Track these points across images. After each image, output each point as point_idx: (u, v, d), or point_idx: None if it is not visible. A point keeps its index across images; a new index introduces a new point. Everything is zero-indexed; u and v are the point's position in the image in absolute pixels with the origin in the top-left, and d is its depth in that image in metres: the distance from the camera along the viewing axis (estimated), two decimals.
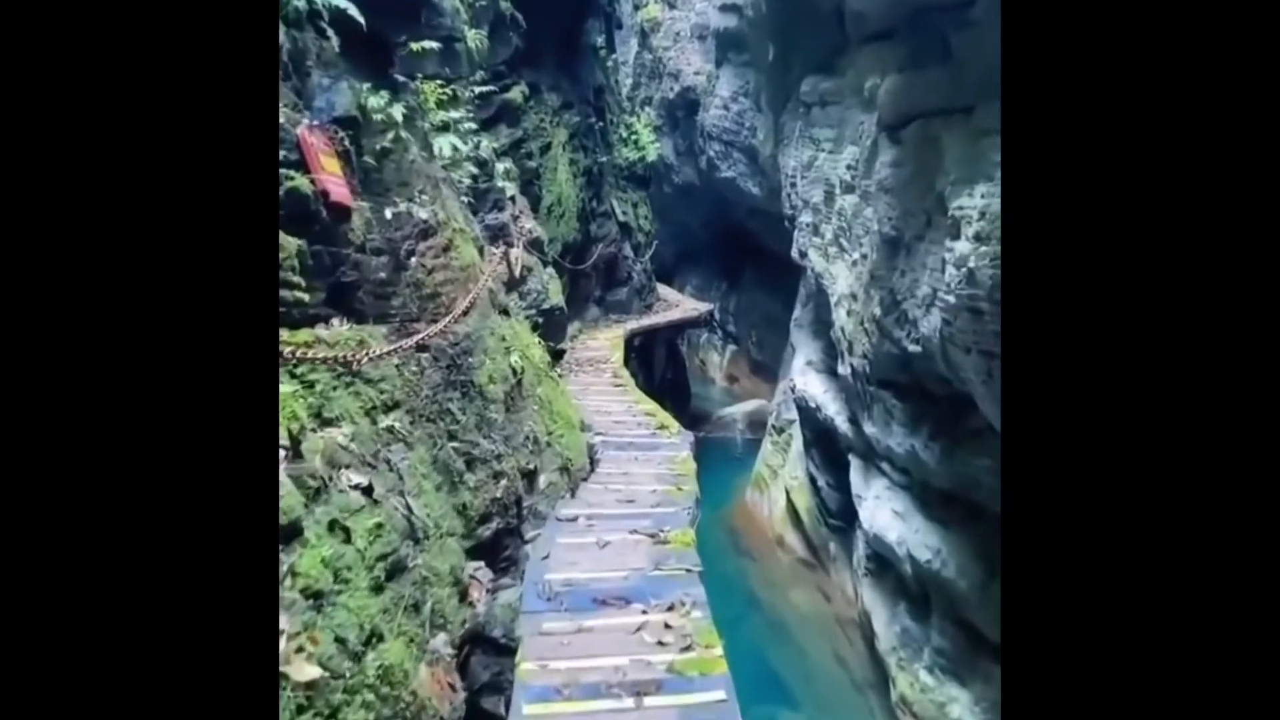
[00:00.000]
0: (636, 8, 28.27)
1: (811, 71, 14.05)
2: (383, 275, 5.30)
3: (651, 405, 10.79)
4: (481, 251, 6.98)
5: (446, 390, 5.35)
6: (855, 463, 10.83)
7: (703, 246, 28.53)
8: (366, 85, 5.71)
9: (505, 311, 6.70)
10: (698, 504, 6.89)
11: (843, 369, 10.77)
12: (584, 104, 18.07)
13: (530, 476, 6.09)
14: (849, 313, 10.40)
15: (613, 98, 21.43)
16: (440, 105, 7.45)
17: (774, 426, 17.17)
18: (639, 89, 27.89)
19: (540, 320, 10.19)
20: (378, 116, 5.65)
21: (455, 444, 5.17)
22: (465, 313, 6.01)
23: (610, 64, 21.29)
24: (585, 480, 7.51)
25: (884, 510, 9.56)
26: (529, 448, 6.13)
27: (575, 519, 6.34)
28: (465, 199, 7.53)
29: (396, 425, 4.55)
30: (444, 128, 7.13)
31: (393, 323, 5.30)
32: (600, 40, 19.97)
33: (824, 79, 13.36)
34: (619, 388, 11.81)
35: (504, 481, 5.49)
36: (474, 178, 10.16)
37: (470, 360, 5.69)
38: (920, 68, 8.70)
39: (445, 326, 5.60)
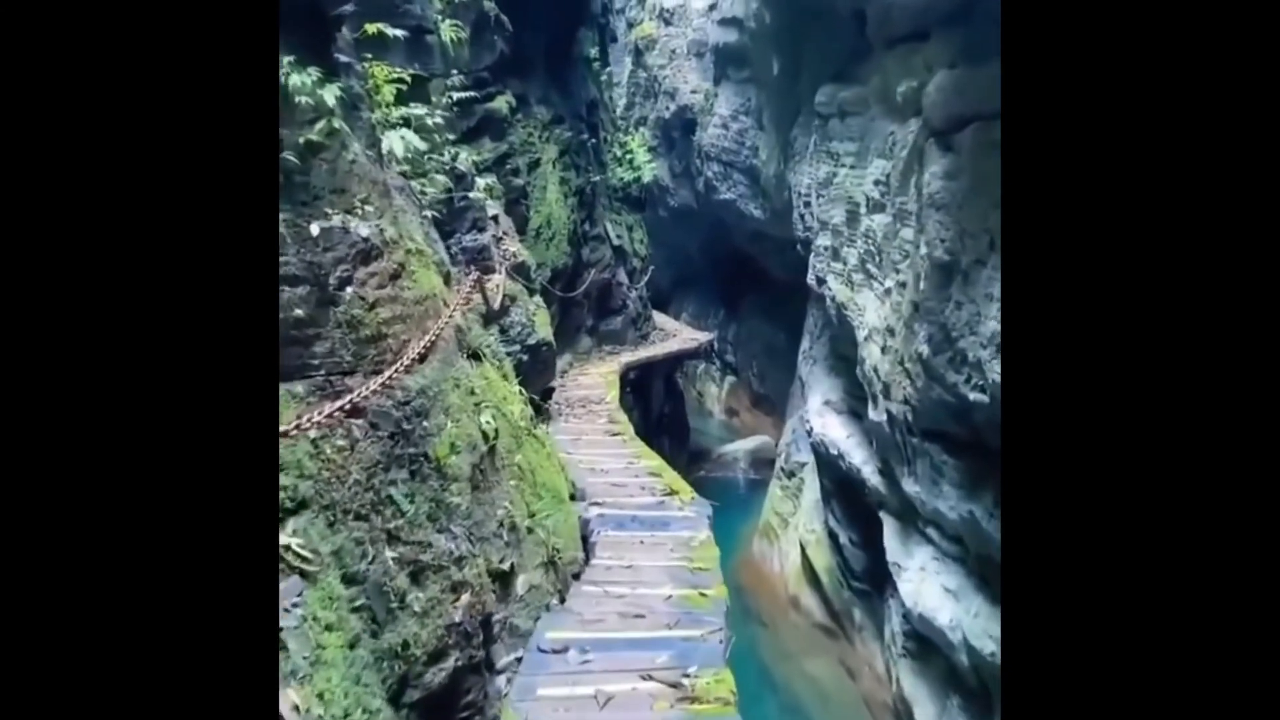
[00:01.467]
0: (630, 25, 27.30)
1: (826, 81, 12.76)
2: (300, 312, 3.84)
3: (656, 460, 9.20)
4: (448, 279, 5.53)
5: (388, 470, 3.88)
6: (890, 523, 9.36)
7: (699, 272, 27.34)
8: (289, 59, 4.28)
9: (476, 355, 5.24)
10: (729, 618, 5.32)
11: (874, 414, 9.32)
12: (576, 119, 16.75)
13: (504, 579, 4.59)
14: (884, 350, 8.97)
15: (606, 114, 20.14)
16: (400, 99, 6.02)
17: (783, 469, 15.71)
18: (633, 109, 26.88)
19: (524, 358, 8.73)
20: (302, 100, 4.22)
21: (397, 550, 3.67)
22: (421, 359, 4.55)
23: (604, 78, 20.00)
24: (578, 577, 5.88)
25: (931, 585, 8.07)
26: (503, 538, 4.63)
27: (564, 650, 4.70)
28: (432, 214, 6.09)
29: (295, 544, 3.07)
30: (404, 124, 5.72)
31: (313, 378, 3.84)
32: (594, 52, 18.70)
33: (842, 88, 12.07)
34: (616, 436, 10.25)
35: (466, 596, 3.98)
36: (448, 191, 8.74)
37: (424, 425, 4.24)
38: (978, 63, 7.35)
39: (390, 380, 4.15)
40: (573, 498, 6.97)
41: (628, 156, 20.33)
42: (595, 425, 10.80)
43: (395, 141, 4.77)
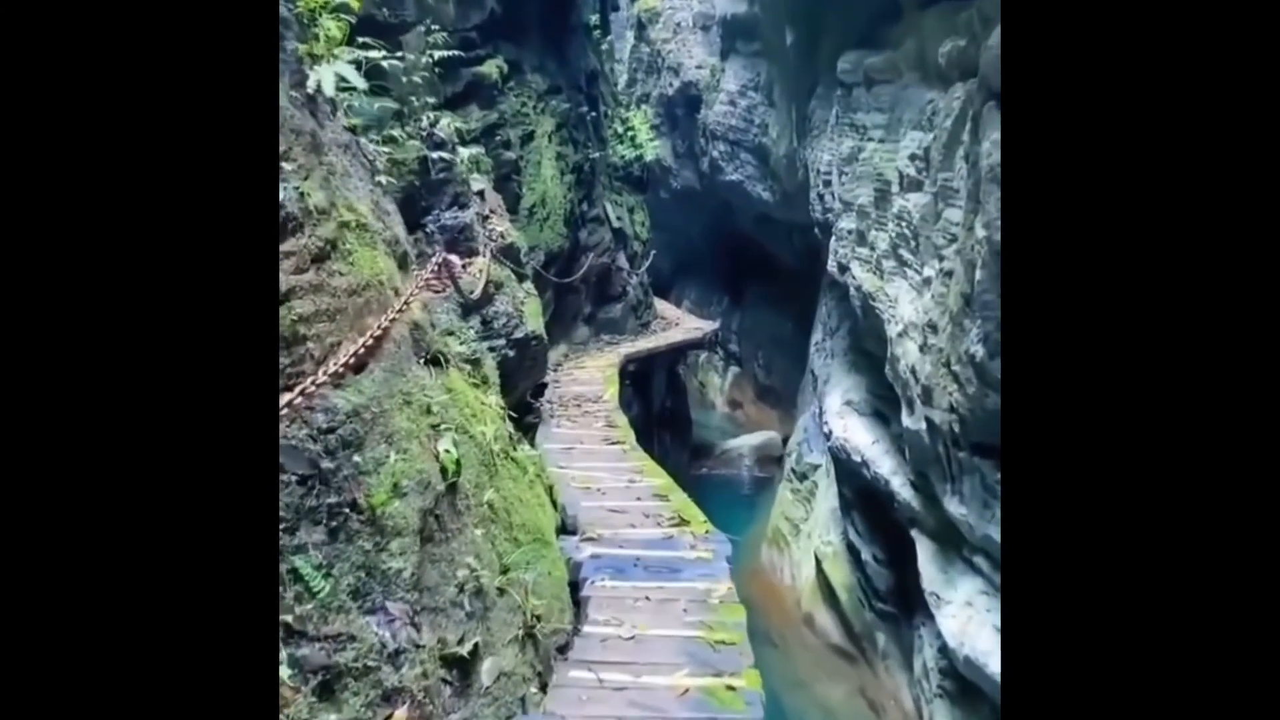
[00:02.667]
0: None
1: (850, 48, 11.58)
2: None
3: (661, 476, 7.93)
4: (405, 262, 4.37)
5: (295, 530, 2.70)
6: (927, 546, 8.24)
7: (702, 257, 26.25)
8: None
9: (437, 360, 4.06)
10: None
11: (910, 421, 8.19)
12: (574, 90, 15.52)
13: (464, 666, 3.41)
14: (923, 348, 7.82)
15: (607, 87, 18.91)
16: (354, 39, 4.79)
17: (793, 470, 14.61)
18: (635, 85, 25.74)
19: (510, 353, 7.58)
20: None
21: (300, 651, 2.52)
22: (357, 369, 3.40)
23: (605, 48, 18.75)
24: (564, 650, 4.56)
25: (980, 624, 6.96)
26: (464, 608, 3.45)
27: None
28: (402, 185, 4.90)
29: None
30: (356, 68, 4.50)
31: None
32: (594, 19, 17.44)
33: (868, 54, 10.91)
34: (616, 445, 9.01)
35: (402, 711, 2.81)
36: (424, 161, 7.57)
37: (355, 461, 3.09)
38: None
39: (307, 399, 3.01)
40: (562, 529, 5.81)
41: (629, 133, 19.11)
42: (592, 430, 9.60)
43: (325, 77, 3.59)
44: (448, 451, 3.57)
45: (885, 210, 9.54)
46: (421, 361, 3.97)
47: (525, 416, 9.35)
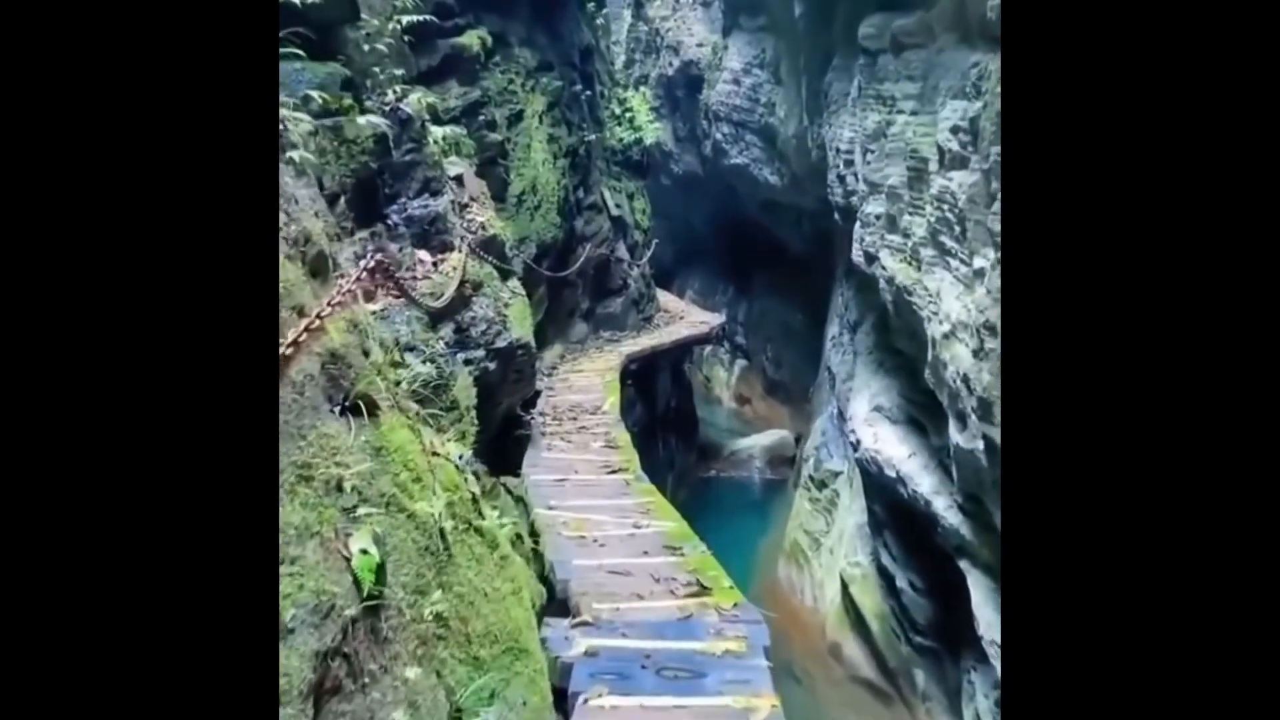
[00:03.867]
0: None
1: (871, 11, 10.39)
2: None
3: (672, 517, 6.58)
4: (322, 268, 3.19)
5: None
6: (982, 583, 7.09)
7: (706, 245, 25.15)
8: None
9: (358, 408, 2.87)
10: None
11: (960, 437, 7.02)
12: (567, 67, 14.32)
13: None
14: (978, 353, 6.64)
15: (603, 65, 17.68)
16: None
17: (811, 478, 13.47)
18: (632, 66, 24.69)
19: (491, 367, 6.40)
20: None
21: None
22: None
23: (600, 22, 17.51)
24: None
25: None
26: None
27: None
28: (309, 159, 3.68)
29: None
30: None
31: None
32: None
33: (895, 16, 9.70)
34: (618, 474, 7.71)
35: None
36: (380, 140, 6.38)
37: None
38: None
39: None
40: (549, 601, 4.60)
41: (628, 115, 17.88)
42: (589, 454, 8.34)
43: None
44: (365, 553, 2.42)
45: (921, 191, 8.36)
46: (338, 410, 2.81)
47: (513, 432, 8.19)
